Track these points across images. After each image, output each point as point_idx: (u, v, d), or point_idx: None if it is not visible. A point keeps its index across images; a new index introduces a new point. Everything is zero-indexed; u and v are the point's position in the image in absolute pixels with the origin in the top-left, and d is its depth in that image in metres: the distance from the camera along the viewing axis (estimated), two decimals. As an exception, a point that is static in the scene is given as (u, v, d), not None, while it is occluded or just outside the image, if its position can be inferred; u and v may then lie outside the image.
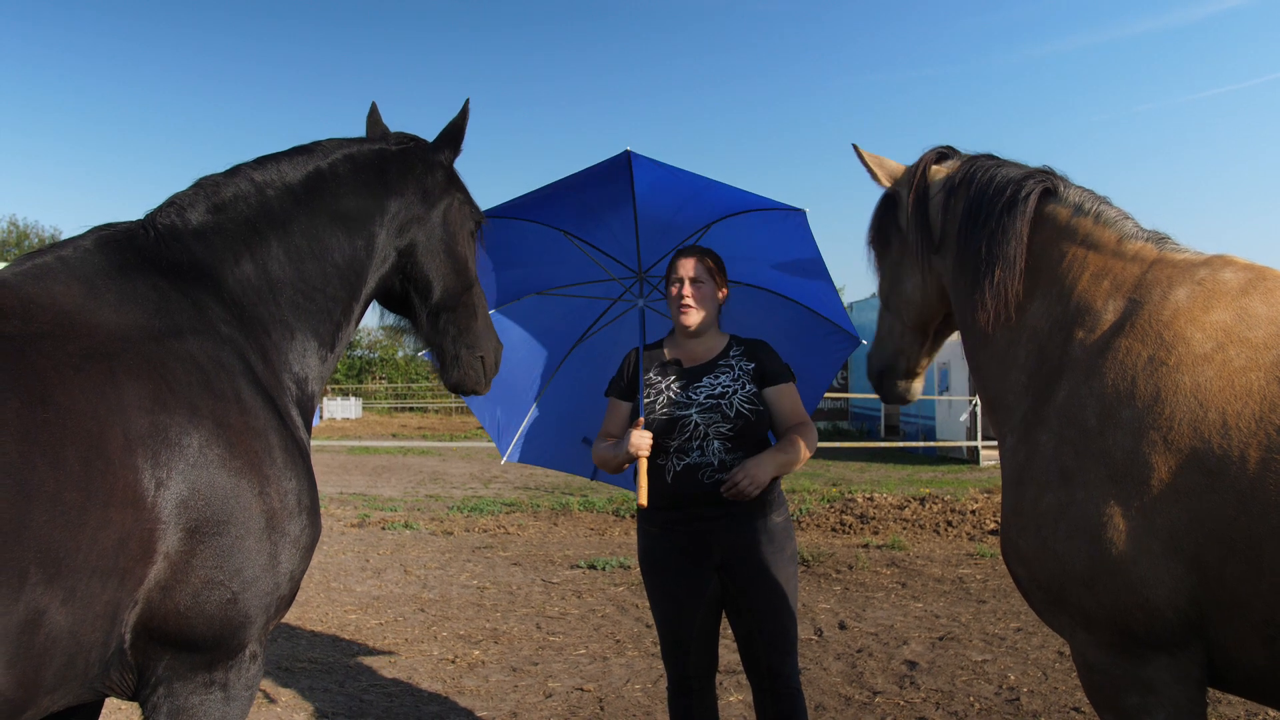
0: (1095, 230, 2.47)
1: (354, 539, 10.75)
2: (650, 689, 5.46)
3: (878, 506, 11.52)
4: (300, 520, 2.28)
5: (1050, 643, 6.13)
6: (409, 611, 7.45)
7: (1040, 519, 2.23)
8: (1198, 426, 2.03)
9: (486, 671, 5.88)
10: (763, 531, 3.46)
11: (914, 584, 8.01)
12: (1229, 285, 2.20)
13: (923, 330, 3.09)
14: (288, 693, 5.46)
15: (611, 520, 11.84)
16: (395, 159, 2.77)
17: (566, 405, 4.43)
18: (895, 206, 3.02)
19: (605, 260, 4.12)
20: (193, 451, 2.04)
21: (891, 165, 3.08)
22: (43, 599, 1.75)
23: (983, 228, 2.63)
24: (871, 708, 5.07)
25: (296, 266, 2.54)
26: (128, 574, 1.91)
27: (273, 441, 2.25)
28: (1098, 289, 2.36)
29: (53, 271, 2.14)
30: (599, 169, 3.65)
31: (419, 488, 16.40)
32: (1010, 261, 2.54)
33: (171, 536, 1.98)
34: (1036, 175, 2.65)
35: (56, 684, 1.87)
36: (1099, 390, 2.19)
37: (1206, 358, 2.09)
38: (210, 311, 2.33)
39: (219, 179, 2.53)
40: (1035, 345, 2.46)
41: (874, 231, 3.11)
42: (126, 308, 2.16)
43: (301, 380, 2.55)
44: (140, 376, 2.04)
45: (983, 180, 2.71)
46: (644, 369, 3.62)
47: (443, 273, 2.88)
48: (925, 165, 2.94)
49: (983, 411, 2.81)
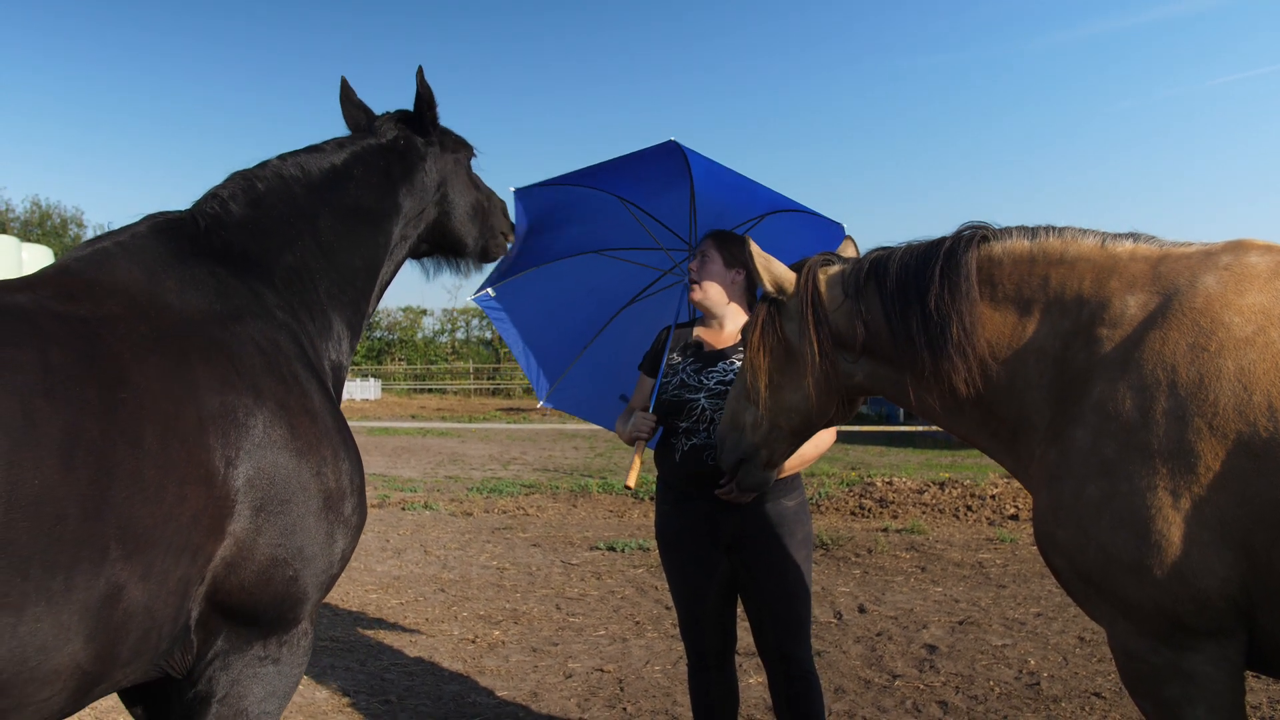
0: (1069, 245, 2.42)
1: (374, 519, 10.82)
2: (670, 670, 5.48)
3: (897, 490, 11.48)
4: (353, 501, 2.36)
5: (1070, 628, 6.11)
6: (429, 591, 7.51)
7: (1082, 511, 2.20)
8: (1243, 410, 2.00)
9: (507, 651, 5.91)
10: (773, 515, 3.48)
11: (934, 568, 7.99)
12: (1259, 269, 2.17)
13: (801, 435, 2.97)
14: (310, 670, 5.50)
15: (630, 502, 11.86)
16: (396, 157, 2.90)
17: (608, 364, 4.56)
18: (780, 314, 2.85)
19: (658, 230, 4.21)
20: (258, 432, 2.11)
21: (779, 270, 2.87)
22: (122, 574, 1.81)
23: (922, 300, 2.51)
24: (891, 691, 5.07)
25: (329, 259, 2.66)
26: (199, 550, 1.97)
27: (328, 424, 2.33)
28: (1106, 290, 2.32)
29: (114, 257, 2.23)
30: (648, 153, 3.73)
31: (438, 469, 16.48)
32: (966, 315, 2.45)
33: (239, 514, 2.05)
34: (960, 231, 2.58)
35: (130, 659, 1.92)
36: (1138, 382, 2.15)
37: (1248, 340, 2.06)
38: (265, 298, 2.43)
39: (252, 173, 2.65)
40: (1048, 362, 2.39)
41: (757, 335, 2.88)
42: (188, 292, 2.24)
43: (337, 366, 2.67)
44: (208, 358, 2.12)
45: (899, 262, 2.61)
46: (670, 348, 3.69)
47: (466, 226, 3.13)
48: (812, 272, 2.78)
49: (998, 456, 2.65)
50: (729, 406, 3.09)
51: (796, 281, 2.82)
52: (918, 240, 2.66)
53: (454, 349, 56.08)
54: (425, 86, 2.89)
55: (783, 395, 2.86)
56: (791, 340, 2.81)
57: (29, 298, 1.97)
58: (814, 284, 2.77)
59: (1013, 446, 2.53)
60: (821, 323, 2.71)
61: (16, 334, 1.83)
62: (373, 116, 2.98)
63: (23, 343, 1.82)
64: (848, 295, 2.70)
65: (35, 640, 1.71)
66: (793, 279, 2.84)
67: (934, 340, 2.48)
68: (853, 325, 2.68)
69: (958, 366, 2.46)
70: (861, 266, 2.72)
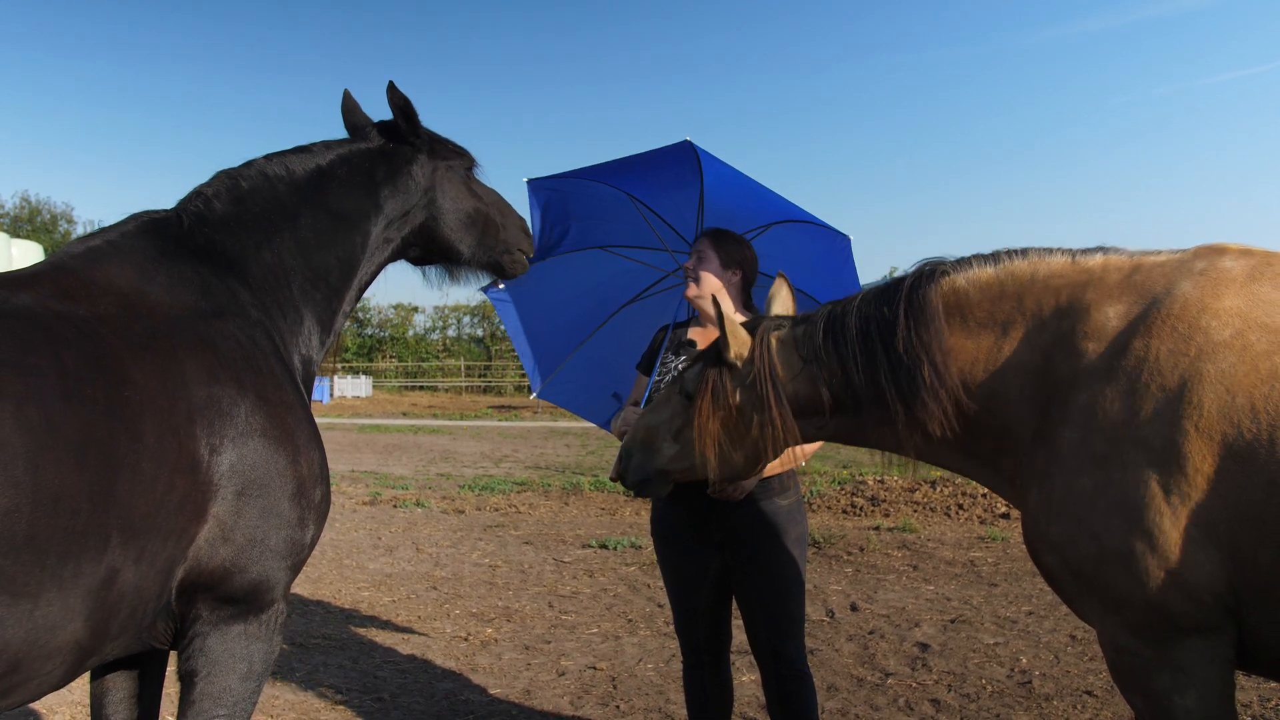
0: (1038, 266, 2.44)
1: (366, 516, 10.80)
2: (663, 668, 5.49)
3: (888, 489, 11.50)
4: (322, 488, 2.50)
5: (1062, 626, 6.13)
6: (421, 589, 7.49)
7: (1075, 502, 2.22)
8: (1227, 413, 2.04)
9: (499, 649, 5.91)
10: (767, 513, 3.48)
11: (925, 566, 8.01)
12: (1234, 273, 2.21)
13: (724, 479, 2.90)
14: (302, 668, 5.50)
15: (622, 500, 11.86)
16: (381, 160, 2.96)
17: (605, 360, 4.57)
18: (731, 378, 2.75)
19: (664, 230, 4.22)
20: (240, 421, 2.26)
21: (743, 336, 2.77)
22: (119, 559, 1.98)
23: (887, 346, 2.49)
24: (884, 689, 5.08)
25: (305, 257, 2.77)
26: (184, 533, 2.12)
27: (300, 415, 2.48)
28: (1085, 300, 2.34)
29: (106, 255, 2.37)
30: (661, 153, 3.73)
31: (430, 466, 16.46)
32: (937, 353, 2.44)
33: (222, 498, 2.20)
34: (919, 269, 2.57)
35: (119, 633, 2.10)
36: (1125, 387, 2.18)
37: (1226, 344, 2.10)
38: (241, 295, 2.55)
39: (237, 172, 2.75)
40: (1027, 375, 2.40)
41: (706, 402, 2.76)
42: (176, 289, 2.39)
43: (307, 361, 2.78)
44: (196, 352, 2.27)
45: (858, 312, 2.57)
46: (665, 347, 3.70)
47: (459, 234, 3.11)
48: (764, 341, 2.70)
49: (978, 475, 2.65)
50: (644, 425, 2.98)
51: (751, 349, 2.74)
52: (869, 285, 2.64)
53: (445, 346, 56.00)
54: (399, 96, 2.94)
55: (732, 457, 2.79)
56: (745, 407, 2.72)
57: (32, 298, 2.09)
58: (769, 356, 2.69)
59: (995, 461, 2.54)
60: (781, 400, 2.65)
61: (31, 338, 1.96)
62: (369, 123, 3.04)
63: (39, 348, 1.95)
64: (805, 360, 2.66)
65: (46, 622, 1.88)
66: (740, 344, 2.76)
67: (904, 388, 2.47)
68: (816, 391, 2.65)
69: (932, 411, 2.45)
70: (816, 326, 2.66)
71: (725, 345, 2.76)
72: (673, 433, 2.89)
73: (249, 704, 2.38)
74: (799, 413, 2.68)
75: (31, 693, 1.98)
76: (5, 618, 1.80)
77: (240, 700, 2.34)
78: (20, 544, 1.79)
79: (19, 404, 1.84)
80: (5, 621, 1.81)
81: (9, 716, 4.59)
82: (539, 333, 4.63)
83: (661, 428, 2.93)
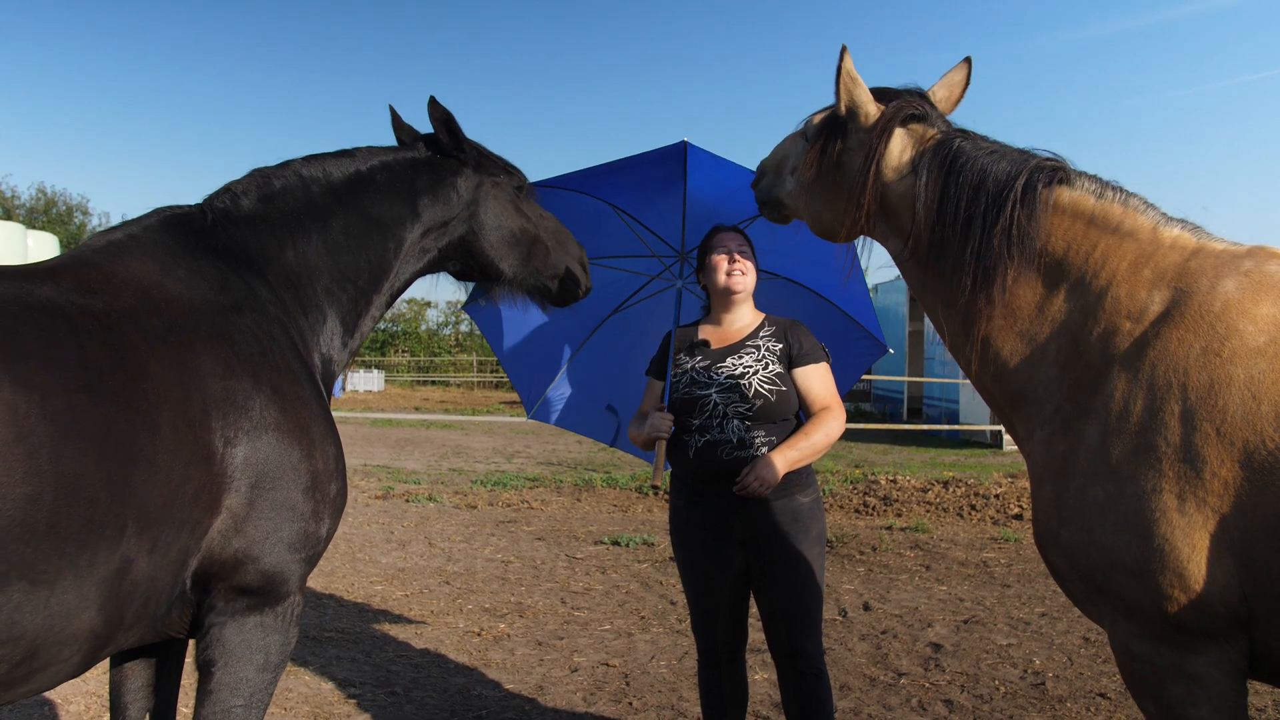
0: (1126, 217, 2.36)
1: (378, 511, 10.84)
2: (675, 665, 5.49)
3: (901, 489, 11.48)
4: (337, 483, 2.53)
5: (1075, 628, 6.11)
6: (434, 584, 7.52)
7: (1086, 511, 2.18)
8: (1251, 419, 2.00)
9: (512, 645, 5.92)
10: (787, 511, 3.48)
11: (938, 567, 8.00)
12: (1276, 278, 2.16)
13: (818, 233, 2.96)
14: (315, 661, 5.52)
15: (635, 497, 11.87)
16: (424, 169, 3.01)
17: (596, 372, 4.55)
18: (843, 136, 2.73)
19: (649, 237, 4.21)
20: (255, 414, 2.29)
21: (862, 94, 2.69)
22: (133, 549, 2.02)
23: (985, 228, 2.44)
24: (896, 689, 5.08)
25: (333, 257, 2.79)
26: (197, 525, 2.16)
27: (316, 411, 2.50)
28: (1138, 278, 2.28)
29: (128, 249, 2.41)
30: (654, 154, 3.74)
31: (442, 461, 16.50)
32: (1029, 258, 2.40)
33: (236, 490, 2.23)
34: (1042, 163, 2.47)
35: (133, 623, 2.14)
36: (1150, 382, 2.14)
37: (1259, 351, 2.05)
38: (259, 292, 2.58)
39: (271, 171, 2.81)
40: (1067, 338, 2.35)
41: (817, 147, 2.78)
42: (195, 283, 2.42)
43: (327, 360, 2.80)
44: (213, 346, 2.30)
45: (974, 171, 2.49)
46: (675, 349, 3.71)
47: (501, 251, 3.15)
48: (887, 125, 2.63)
49: (995, 410, 2.60)
50: (781, 151, 3.04)
51: (874, 124, 2.67)
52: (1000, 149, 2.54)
53: (458, 341, 56.13)
54: (440, 110, 2.98)
55: (814, 204, 2.87)
56: (843, 166, 2.74)
57: (55, 291, 2.13)
58: (885, 137, 2.62)
59: (1008, 413, 2.53)
60: (876, 189, 2.64)
61: (56, 331, 2.00)
62: (417, 136, 3.08)
63: (64, 340, 2.00)
64: (917, 174, 2.58)
65: (62, 609, 1.92)
66: (870, 110, 2.69)
67: (980, 273, 2.45)
68: (910, 209, 2.60)
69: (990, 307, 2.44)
70: (946, 152, 2.57)
71: (837, 94, 2.71)
72: (791, 169, 2.96)
73: (266, 694, 2.41)
74: (885, 211, 2.67)
75: (50, 679, 2.02)
76: (24, 604, 1.85)
77: (257, 690, 2.38)
78: (41, 531, 1.84)
79: (45, 395, 1.88)
80: (24, 608, 1.86)
81: (24, 706, 4.63)
82: (526, 351, 4.59)
83: (790, 160, 2.99)
